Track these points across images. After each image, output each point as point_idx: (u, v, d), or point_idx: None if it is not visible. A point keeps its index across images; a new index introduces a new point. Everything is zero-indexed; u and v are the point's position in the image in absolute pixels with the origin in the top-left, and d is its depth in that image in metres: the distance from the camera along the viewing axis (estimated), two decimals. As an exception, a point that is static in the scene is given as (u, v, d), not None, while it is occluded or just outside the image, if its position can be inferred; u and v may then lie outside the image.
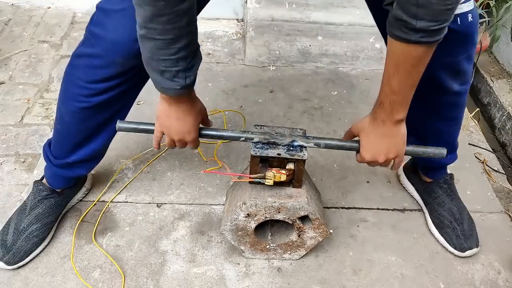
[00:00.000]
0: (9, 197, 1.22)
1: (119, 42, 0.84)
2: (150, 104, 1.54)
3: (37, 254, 1.07)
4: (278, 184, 0.95)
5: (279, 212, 0.98)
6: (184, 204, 1.24)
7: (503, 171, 1.45)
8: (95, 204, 1.21)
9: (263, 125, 0.99)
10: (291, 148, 0.93)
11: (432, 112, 1.04)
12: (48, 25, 2.03)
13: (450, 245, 1.14)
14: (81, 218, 1.16)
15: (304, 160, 0.93)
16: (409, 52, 0.74)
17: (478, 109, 1.71)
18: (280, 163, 0.95)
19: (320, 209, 1.06)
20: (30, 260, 1.06)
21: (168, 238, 1.15)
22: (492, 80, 1.83)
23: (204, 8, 0.95)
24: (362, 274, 1.10)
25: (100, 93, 0.92)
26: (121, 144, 1.38)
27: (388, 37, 0.76)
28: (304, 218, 1.01)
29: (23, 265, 1.05)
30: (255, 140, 0.93)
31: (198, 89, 0.89)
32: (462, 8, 0.85)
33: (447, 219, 1.16)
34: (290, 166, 0.95)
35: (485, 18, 1.81)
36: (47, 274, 1.04)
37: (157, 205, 1.23)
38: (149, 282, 1.05)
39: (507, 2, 1.74)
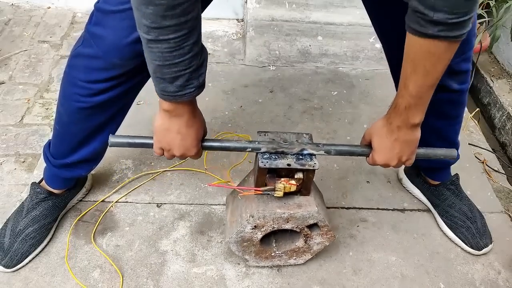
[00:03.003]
0: (9, 197, 1.22)
1: (118, 43, 0.83)
2: (150, 104, 1.54)
3: (36, 255, 1.07)
4: (286, 193, 0.92)
5: (287, 222, 0.95)
6: (184, 204, 1.24)
7: (503, 171, 1.45)
8: (95, 205, 1.21)
9: (267, 132, 0.95)
10: (301, 157, 0.89)
11: (433, 110, 1.04)
12: (48, 25, 2.03)
13: (466, 244, 1.15)
14: (77, 218, 1.16)
15: (315, 170, 0.90)
16: (428, 49, 0.69)
17: (478, 109, 1.71)
18: (288, 172, 0.91)
19: (326, 213, 1.04)
20: (30, 261, 1.06)
21: (168, 238, 1.15)
22: (492, 80, 1.83)
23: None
24: (362, 274, 1.10)
25: (99, 93, 0.92)
26: (121, 144, 1.38)
27: (407, 33, 0.71)
28: (312, 225, 0.99)
29: (22, 266, 1.05)
30: (263, 150, 0.89)
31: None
32: None
33: (460, 219, 1.17)
34: (299, 175, 0.91)
35: (485, 18, 1.81)
36: (47, 274, 1.04)
37: (157, 205, 1.23)
38: (149, 282, 1.05)
39: (507, 2, 1.74)
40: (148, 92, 0.98)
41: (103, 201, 1.22)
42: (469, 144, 1.51)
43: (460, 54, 0.91)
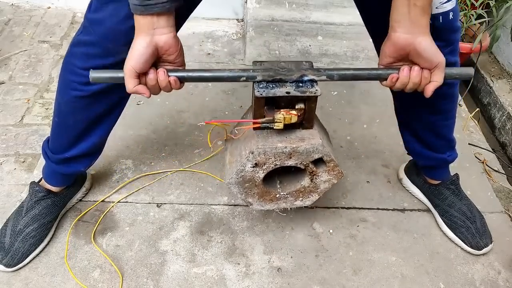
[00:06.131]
0: (9, 197, 1.22)
1: (114, 28, 0.83)
2: (150, 104, 1.53)
3: (37, 255, 1.07)
4: (287, 126, 0.85)
5: (290, 158, 0.88)
6: (184, 204, 1.24)
7: (503, 171, 1.45)
8: (95, 205, 1.21)
9: (263, 61, 0.87)
10: (301, 84, 0.81)
11: (424, 105, 1.05)
12: (48, 25, 2.03)
13: (466, 244, 1.15)
14: (77, 218, 1.16)
15: (317, 97, 0.82)
16: None
17: (478, 109, 1.71)
18: (288, 102, 0.83)
19: (332, 149, 0.97)
20: (30, 261, 1.06)
21: (168, 238, 1.15)
22: (492, 80, 1.83)
23: (203, 8, 0.95)
24: (362, 274, 1.10)
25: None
26: (121, 144, 1.38)
27: None
28: (317, 161, 0.92)
29: (23, 266, 1.05)
30: (258, 78, 0.81)
31: (198, 89, 0.89)
32: (445, 7, 0.87)
33: (460, 219, 1.17)
34: (300, 105, 0.84)
35: (485, 18, 1.81)
36: (47, 274, 1.05)
37: (157, 205, 1.23)
38: (149, 282, 1.05)
39: (507, 2, 1.74)
40: (148, 92, 0.98)
41: (103, 201, 1.22)
42: (469, 144, 1.51)
43: (448, 45, 0.92)
